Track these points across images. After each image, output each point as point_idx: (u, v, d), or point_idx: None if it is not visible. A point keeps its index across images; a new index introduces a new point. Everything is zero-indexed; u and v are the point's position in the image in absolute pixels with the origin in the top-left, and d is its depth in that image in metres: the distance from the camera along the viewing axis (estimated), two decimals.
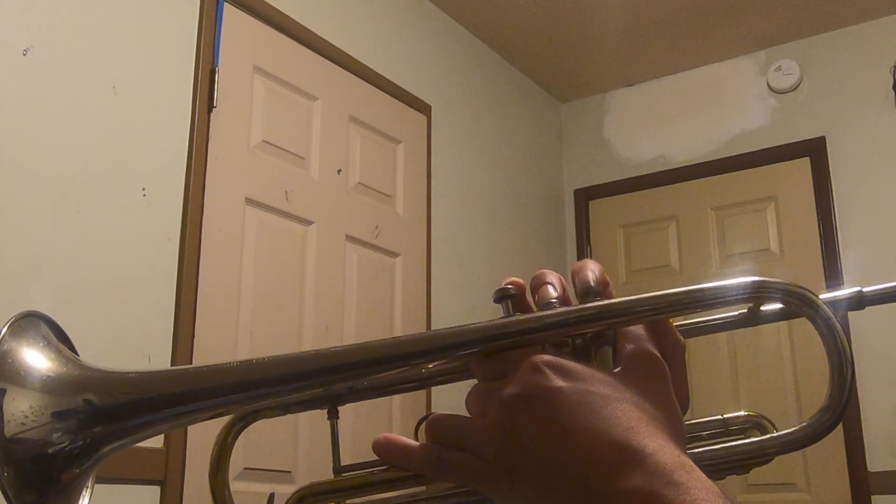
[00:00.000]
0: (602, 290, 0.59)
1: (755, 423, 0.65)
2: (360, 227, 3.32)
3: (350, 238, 3.27)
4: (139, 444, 1.99)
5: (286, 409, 0.62)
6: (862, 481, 3.74)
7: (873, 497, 3.73)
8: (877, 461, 3.75)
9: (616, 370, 0.56)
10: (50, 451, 0.53)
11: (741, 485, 3.89)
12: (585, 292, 0.58)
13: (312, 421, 2.89)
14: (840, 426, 3.76)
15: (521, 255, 4.24)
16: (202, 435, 2.52)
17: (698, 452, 0.60)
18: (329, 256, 3.17)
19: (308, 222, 3.11)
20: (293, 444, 2.86)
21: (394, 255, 3.47)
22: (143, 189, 2.55)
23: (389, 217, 3.48)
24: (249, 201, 2.89)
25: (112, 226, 2.46)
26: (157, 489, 2.45)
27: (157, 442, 2.46)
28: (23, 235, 2.24)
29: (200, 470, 2.51)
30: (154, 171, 2.59)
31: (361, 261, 3.31)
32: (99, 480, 0.57)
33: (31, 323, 0.58)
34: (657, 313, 0.58)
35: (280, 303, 2.94)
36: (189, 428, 2.53)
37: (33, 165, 2.29)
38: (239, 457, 2.64)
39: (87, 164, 2.41)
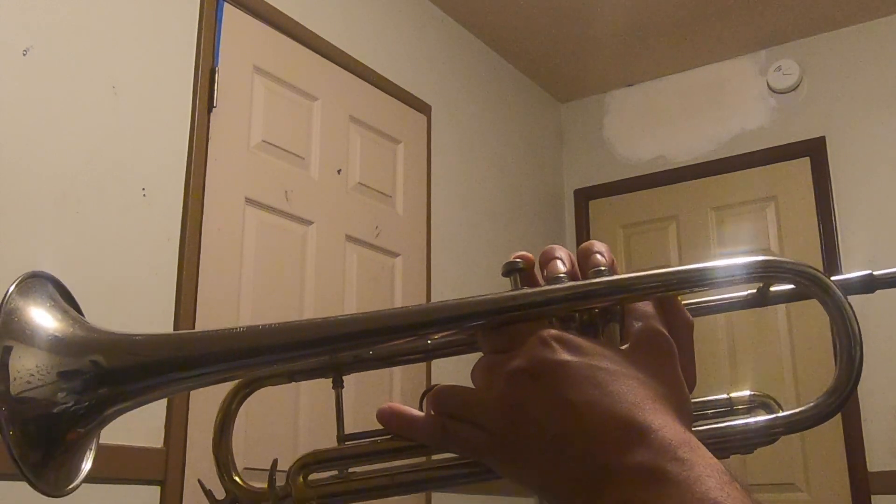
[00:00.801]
0: (610, 266, 0.59)
1: (761, 403, 0.64)
2: (360, 227, 3.32)
3: (350, 238, 3.27)
4: (139, 444, 1.97)
5: (291, 377, 0.62)
6: (862, 481, 3.74)
7: (873, 497, 3.72)
8: (877, 461, 3.74)
9: (624, 347, 0.56)
10: (55, 410, 0.53)
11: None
12: (593, 268, 0.58)
13: (312, 420, 2.89)
14: (840, 427, 3.76)
15: None
16: (202, 435, 2.52)
17: (704, 431, 0.59)
18: (329, 256, 3.16)
19: (308, 222, 3.10)
20: (293, 443, 2.86)
21: (394, 255, 3.47)
22: (143, 189, 2.55)
23: (389, 217, 3.48)
24: (249, 201, 2.89)
25: (112, 226, 2.45)
26: (157, 489, 2.45)
27: (157, 442, 2.45)
28: (23, 235, 2.24)
29: (200, 470, 2.50)
30: (154, 171, 2.59)
31: (361, 261, 3.31)
32: (99, 480, 0.57)
33: (38, 283, 0.58)
34: (666, 290, 0.58)
35: (280, 303, 2.94)
36: (189, 428, 2.52)
37: (33, 165, 2.29)
38: (239, 457, 2.62)
39: (87, 164, 2.41)
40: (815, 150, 4.14)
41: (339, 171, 3.27)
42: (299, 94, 3.17)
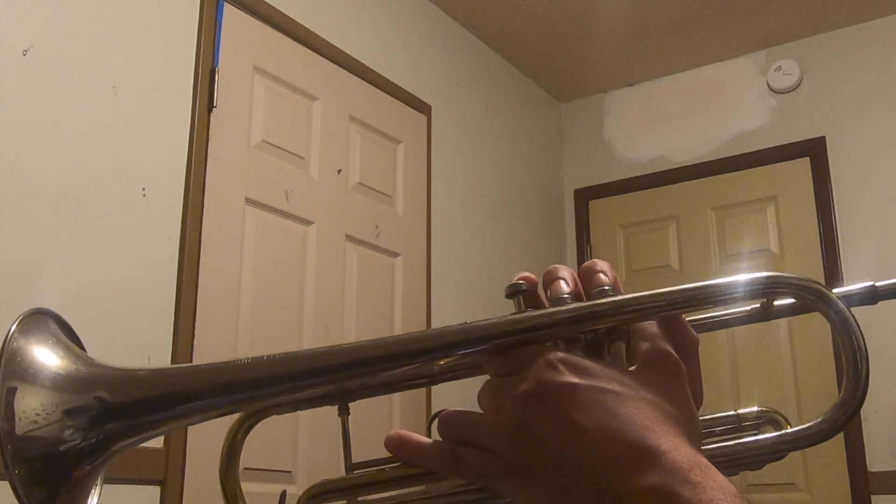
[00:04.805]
0: (613, 285, 0.58)
1: (769, 419, 0.64)
2: (360, 227, 3.32)
3: (350, 238, 3.27)
4: (139, 444, 1.98)
5: (296, 406, 0.61)
6: (862, 481, 3.74)
7: (873, 497, 3.72)
8: (877, 461, 3.75)
9: (631, 368, 0.56)
10: (61, 448, 0.53)
11: (741, 485, 3.88)
12: (597, 287, 0.58)
13: (312, 421, 2.89)
14: None
15: (521, 255, 4.24)
16: (202, 435, 2.52)
17: (713, 449, 0.59)
18: (329, 256, 3.16)
19: (308, 222, 3.10)
20: (293, 443, 2.86)
21: (394, 255, 3.46)
22: (143, 189, 2.55)
23: (389, 217, 3.47)
24: (249, 201, 2.88)
25: (112, 226, 2.45)
26: (157, 489, 2.45)
27: (157, 442, 2.45)
28: (23, 236, 2.23)
29: (200, 470, 2.50)
30: (154, 171, 2.59)
31: (361, 261, 3.30)
32: None
33: (39, 320, 0.57)
34: (671, 309, 0.57)
35: (280, 303, 2.94)
36: (189, 428, 2.52)
37: (33, 165, 2.28)
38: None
39: (87, 164, 2.41)
40: (815, 150, 4.14)
41: (339, 171, 3.26)
42: (299, 94, 3.16)
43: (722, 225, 4.34)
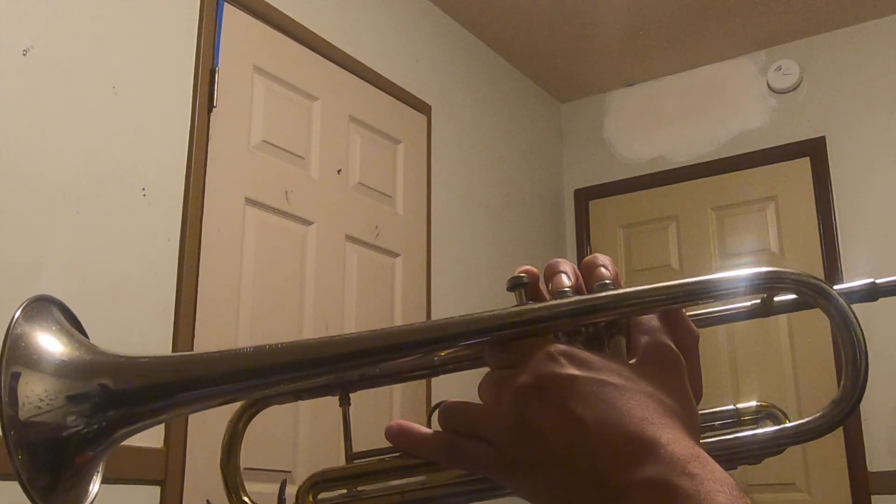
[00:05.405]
0: (614, 279, 0.58)
1: (768, 414, 0.65)
2: (360, 227, 3.32)
3: (350, 238, 3.27)
4: (139, 444, 1.97)
5: (298, 396, 0.62)
6: (862, 481, 3.74)
7: (873, 497, 3.72)
8: (877, 461, 3.75)
9: (631, 361, 0.56)
10: (64, 434, 0.53)
11: (741, 484, 3.87)
12: (598, 281, 0.58)
13: (312, 421, 2.89)
14: (840, 427, 3.76)
15: (521, 255, 4.23)
16: (202, 435, 2.52)
17: (712, 443, 0.59)
18: (329, 256, 3.16)
19: (308, 222, 3.10)
20: (293, 443, 2.86)
21: (394, 255, 3.47)
22: (143, 189, 2.55)
23: (389, 217, 3.48)
24: (249, 201, 2.88)
25: (112, 226, 2.45)
26: (157, 489, 2.45)
27: (157, 442, 2.45)
28: (23, 236, 2.23)
29: (200, 470, 2.50)
30: (154, 171, 2.59)
31: (361, 261, 3.30)
32: None
33: (43, 307, 0.58)
34: (671, 303, 0.58)
35: (280, 303, 2.94)
36: (189, 428, 2.52)
37: (33, 165, 2.28)
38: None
39: (87, 164, 2.41)
40: (815, 150, 4.14)
41: (339, 171, 3.27)
42: (299, 94, 3.16)
43: (722, 225, 4.34)
